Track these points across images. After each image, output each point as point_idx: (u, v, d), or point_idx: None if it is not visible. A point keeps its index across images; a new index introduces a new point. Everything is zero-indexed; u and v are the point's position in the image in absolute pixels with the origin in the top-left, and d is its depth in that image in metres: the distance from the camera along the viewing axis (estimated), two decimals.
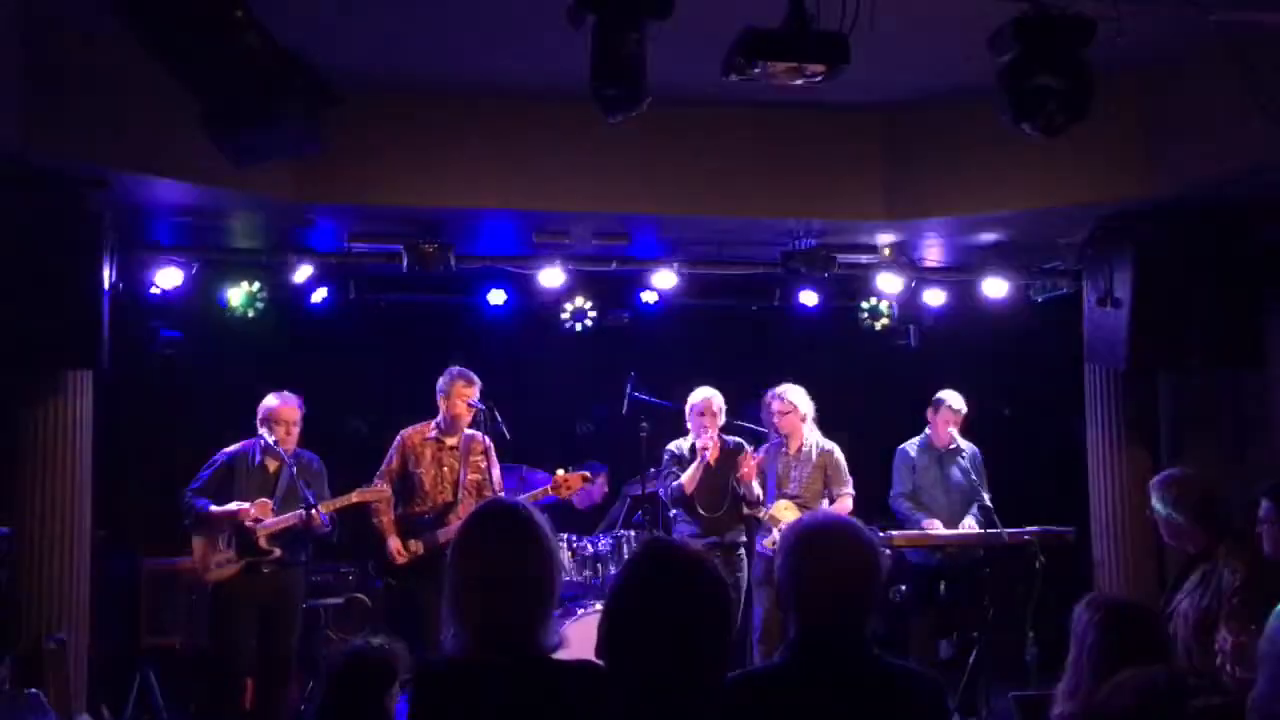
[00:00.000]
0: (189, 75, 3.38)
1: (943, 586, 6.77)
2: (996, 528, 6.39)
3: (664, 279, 7.21)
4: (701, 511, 6.45)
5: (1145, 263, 5.90)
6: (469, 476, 6.11)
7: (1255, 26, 4.18)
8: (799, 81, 3.78)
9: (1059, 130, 3.65)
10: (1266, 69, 4.41)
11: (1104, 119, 4.13)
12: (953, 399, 6.98)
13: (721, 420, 6.51)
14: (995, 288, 7.38)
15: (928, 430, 7.06)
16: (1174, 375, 6.60)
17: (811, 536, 2.41)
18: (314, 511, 5.62)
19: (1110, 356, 6.22)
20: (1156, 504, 4.09)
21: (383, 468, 6.16)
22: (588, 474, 6.57)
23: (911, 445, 7.11)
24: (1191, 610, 3.94)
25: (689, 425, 6.57)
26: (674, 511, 6.64)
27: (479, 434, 6.11)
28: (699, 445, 6.44)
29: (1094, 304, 6.24)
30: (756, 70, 3.70)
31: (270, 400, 5.94)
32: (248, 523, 5.73)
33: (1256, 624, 2.64)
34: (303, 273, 6.68)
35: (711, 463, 6.41)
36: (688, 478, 6.43)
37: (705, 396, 6.52)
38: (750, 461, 6.45)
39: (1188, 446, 6.39)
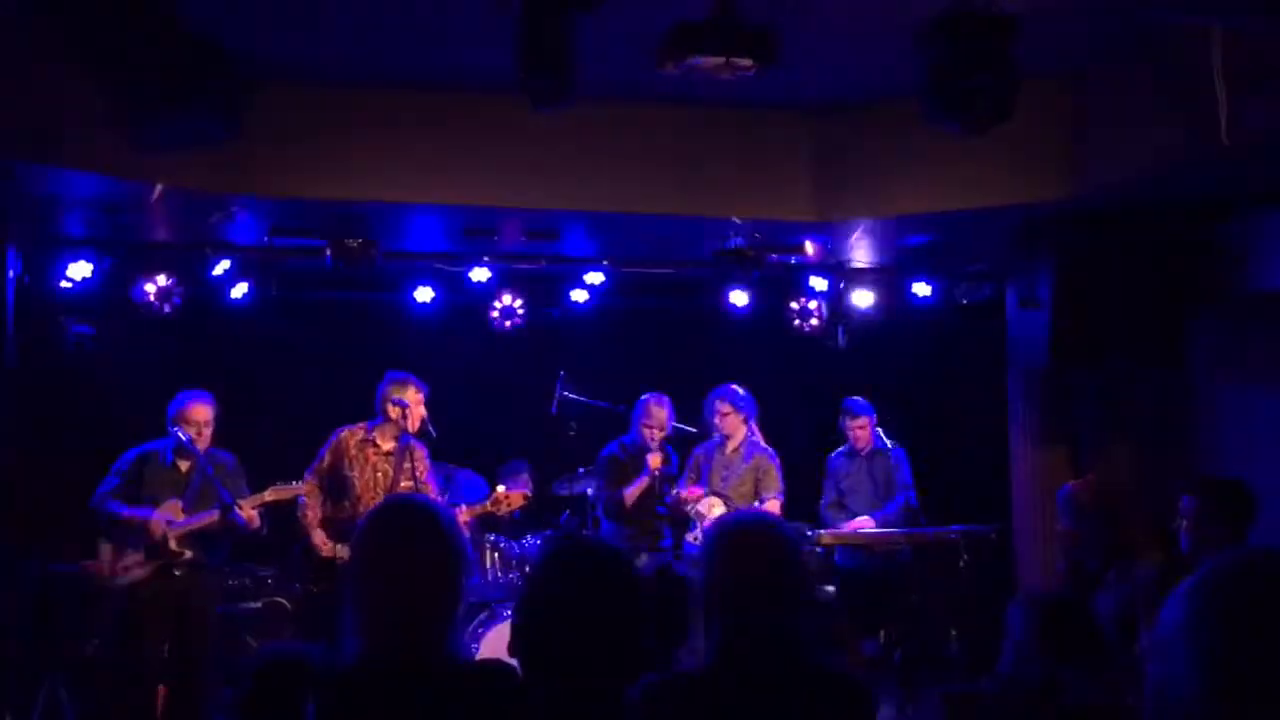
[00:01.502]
0: (97, 59, 3.26)
1: (867, 585, 6.81)
2: (921, 526, 6.45)
3: (594, 277, 7.16)
4: (633, 521, 6.44)
5: (1066, 263, 6.00)
6: (402, 483, 5.97)
7: (1169, 27, 4.25)
8: (728, 76, 3.77)
9: (983, 129, 3.68)
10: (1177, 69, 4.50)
11: (1027, 121, 4.17)
12: (857, 404, 7.03)
13: (669, 430, 6.48)
14: (921, 289, 7.47)
15: (849, 438, 7.10)
16: (1095, 375, 6.72)
17: (730, 533, 2.37)
18: (233, 512, 5.45)
19: (1031, 356, 6.32)
20: (1063, 518, 4.16)
21: (314, 464, 6.01)
22: (527, 493, 6.48)
23: (837, 454, 7.16)
24: (1112, 605, 4.00)
25: (633, 430, 6.54)
26: (606, 525, 6.61)
27: (415, 442, 5.99)
28: (649, 461, 6.41)
29: (1016, 305, 6.33)
30: (687, 65, 3.68)
31: (181, 400, 5.75)
32: (156, 533, 5.54)
33: None
34: (221, 267, 6.50)
35: (653, 479, 6.40)
36: (630, 491, 6.41)
37: (652, 402, 6.50)
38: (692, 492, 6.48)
39: (1107, 446, 6.50)
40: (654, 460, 6.38)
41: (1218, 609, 1.24)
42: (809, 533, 6.62)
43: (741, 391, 6.67)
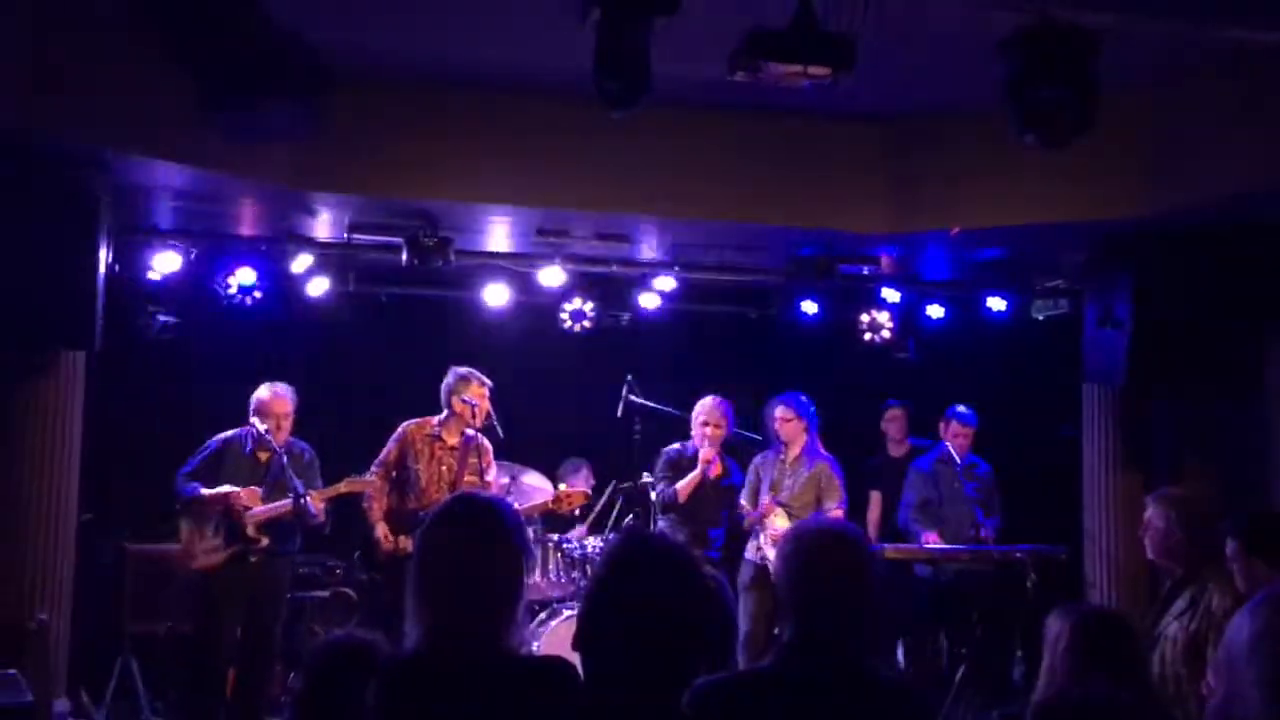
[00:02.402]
0: (185, 50, 3.37)
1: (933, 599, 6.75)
2: (988, 545, 6.37)
3: (664, 283, 7.19)
4: (689, 525, 6.41)
5: (1146, 283, 5.88)
6: (466, 478, 6.06)
7: (1252, 44, 4.16)
8: (804, 84, 3.77)
9: (1062, 142, 3.64)
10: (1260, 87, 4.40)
11: (1106, 136, 4.11)
12: (966, 413, 6.98)
13: (725, 432, 6.46)
14: (996, 304, 7.38)
15: (946, 443, 7.05)
16: (1172, 398, 6.57)
17: (807, 539, 2.41)
18: (303, 501, 5.59)
19: (1108, 375, 6.19)
20: (1154, 516, 4.06)
21: (380, 457, 6.13)
22: (588, 491, 6.54)
23: (928, 458, 7.10)
24: (1180, 633, 3.91)
25: (693, 432, 6.54)
26: (662, 520, 6.61)
27: (481, 437, 6.08)
28: (701, 456, 6.38)
29: (1094, 323, 6.21)
30: (763, 73, 3.70)
31: (262, 392, 5.91)
32: (237, 506, 5.71)
33: None
34: (301, 262, 6.65)
35: (712, 476, 6.36)
36: (683, 485, 6.38)
37: (706, 405, 6.49)
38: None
39: (1183, 470, 6.35)
40: (706, 454, 6.36)
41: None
42: (873, 547, 6.55)
43: (803, 399, 6.65)
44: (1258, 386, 6.00)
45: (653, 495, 6.74)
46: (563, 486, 6.34)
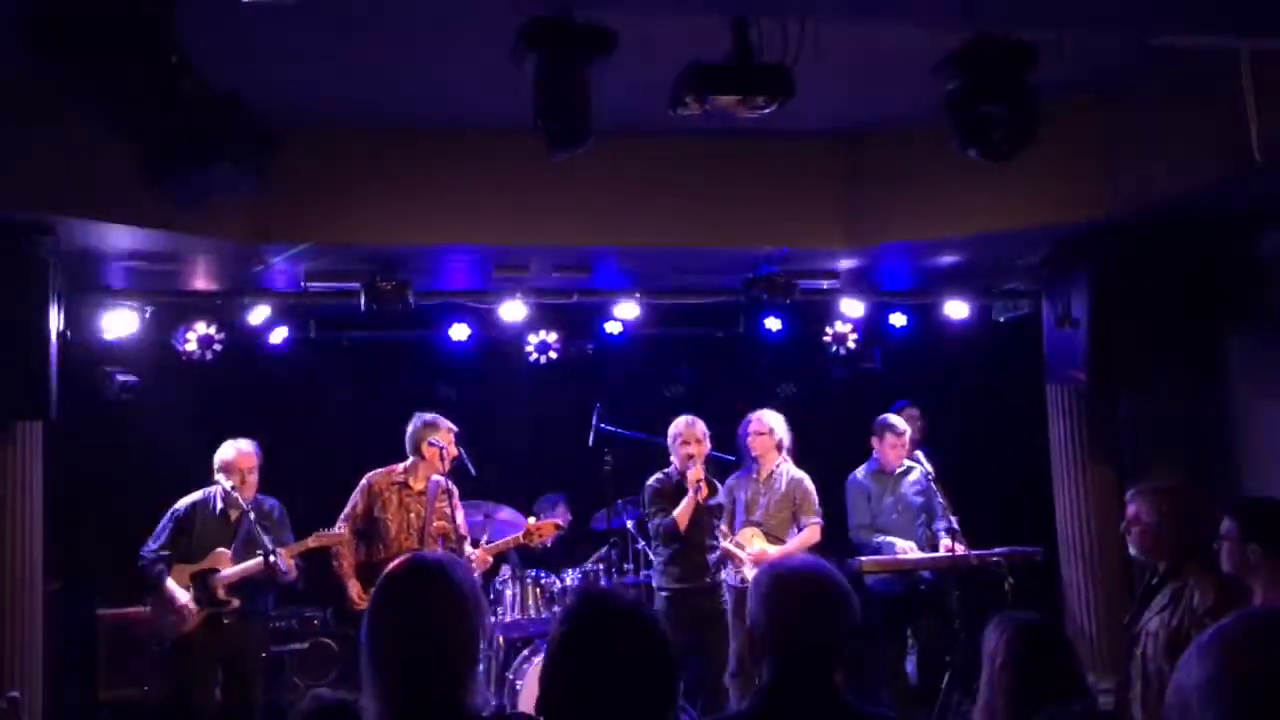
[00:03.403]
0: (126, 122, 3.34)
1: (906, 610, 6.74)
2: (964, 548, 6.36)
3: (627, 310, 7.19)
4: (690, 552, 6.18)
5: (1102, 282, 5.93)
6: (435, 524, 5.97)
7: (1197, 48, 4.21)
8: (746, 113, 3.78)
9: (1004, 157, 3.66)
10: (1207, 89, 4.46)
11: (1059, 140, 4.16)
12: (897, 422, 6.94)
13: (706, 449, 6.27)
14: (957, 310, 7.42)
15: (875, 456, 7.00)
16: (1134, 395, 6.62)
17: (787, 581, 2.40)
18: (273, 559, 5.52)
19: (1070, 375, 6.23)
20: (1139, 510, 4.07)
21: (346, 511, 6.03)
22: (559, 522, 6.47)
23: (861, 473, 7.04)
24: (1161, 629, 3.92)
25: (673, 457, 6.34)
26: (646, 546, 6.54)
27: (444, 480, 5.98)
28: (690, 477, 6.15)
29: (1053, 324, 6.26)
30: (706, 105, 3.70)
31: (225, 450, 5.85)
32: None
33: None
34: (259, 314, 6.61)
35: (701, 500, 6.14)
36: (680, 513, 6.13)
37: (681, 426, 6.31)
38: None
39: (1150, 464, 6.39)
40: (694, 474, 6.12)
41: (1238, 671, 1.22)
42: (850, 561, 6.54)
43: (775, 415, 6.63)
44: (1215, 378, 6.06)
45: (629, 527, 6.70)
46: (531, 520, 6.28)
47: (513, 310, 6.93)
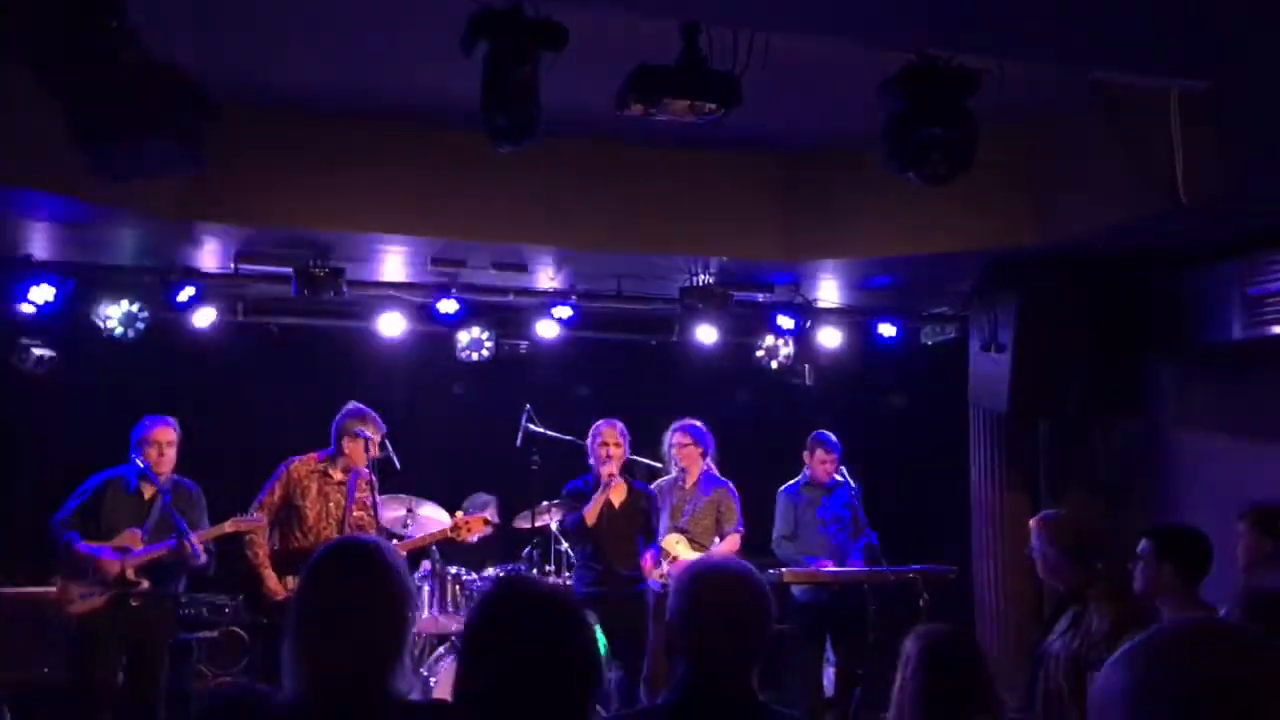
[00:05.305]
0: (60, 88, 3.24)
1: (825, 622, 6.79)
2: (881, 565, 6.44)
3: (562, 311, 7.18)
4: (605, 553, 6.13)
5: (1029, 310, 6.06)
6: (354, 513, 5.89)
7: (1130, 86, 4.34)
8: (695, 119, 3.81)
9: (943, 180, 3.73)
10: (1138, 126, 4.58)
11: (993, 169, 4.24)
12: (828, 438, 7.01)
13: (625, 452, 6.26)
14: (887, 330, 7.54)
15: (806, 470, 7.07)
16: (1055, 421, 6.77)
17: (707, 579, 2.42)
18: (186, 542, 5.40)
19: (993, 400, 6.36)
20: (1035, 540, 4.19)
21: (261, 497, 5.85)
22: (487, 517, 6.41)
23: (793, 485, 7.12)
24: (1063, 651, 4.01)
25: (590, 459, 6.30)
26: (571, 550, 6.51)
27: (365, 469, 5.89)
28: (602, 474, 6.14)
29: (978, 349, 6.38)
30: (653, 108, 3.72)
31: (144, 425, 5.70)
32: (111, 572, 5.46)
33: None
34: (186, 293, 6.46)
35: (614, 501, 6.13)
36: (590, 510, 6.11)
37: (600, 428, 6.31)
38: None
39: (1067, 491, 6.55)
40: (607, 469, 6.09)
41: (1155, 682, 1.24)
42: (770, 571, 6.58)
43: (699, 425, 6.67)
44: (1137, 408, 6.22)
45: (553, 527, 6.66)
46: (459, 514, 6.20)
47: (448, 306, 6.88)
